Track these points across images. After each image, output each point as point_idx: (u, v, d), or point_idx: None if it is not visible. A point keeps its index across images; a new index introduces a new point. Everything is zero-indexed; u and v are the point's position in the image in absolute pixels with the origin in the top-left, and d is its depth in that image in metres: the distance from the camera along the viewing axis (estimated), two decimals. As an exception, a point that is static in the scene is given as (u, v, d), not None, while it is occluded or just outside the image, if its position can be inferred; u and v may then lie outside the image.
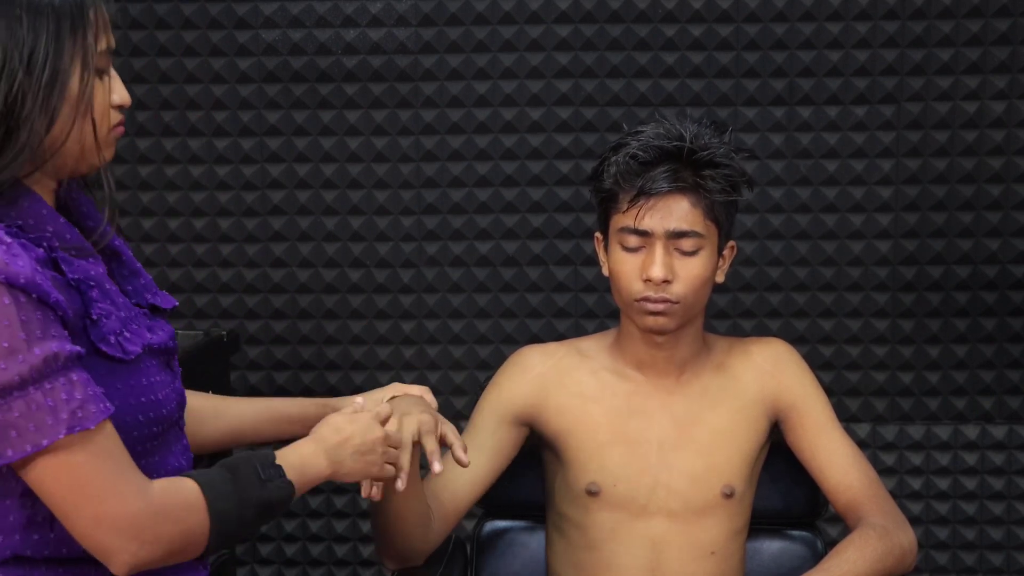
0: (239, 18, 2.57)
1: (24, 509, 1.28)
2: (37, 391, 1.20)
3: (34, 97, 1.24)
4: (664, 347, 1.87)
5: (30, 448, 1.20)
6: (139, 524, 1.25)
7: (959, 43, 2.50)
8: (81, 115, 1.29)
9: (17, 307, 1.20)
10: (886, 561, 1.77)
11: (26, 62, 1.24)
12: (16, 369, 1.19)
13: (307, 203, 2.62)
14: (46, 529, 1.29)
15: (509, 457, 1.94)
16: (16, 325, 1.19)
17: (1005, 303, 2.58)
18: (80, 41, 1.27)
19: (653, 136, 1.79)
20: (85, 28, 1.28)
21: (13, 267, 1.20)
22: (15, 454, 1.20)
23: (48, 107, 1.25)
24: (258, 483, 1.35)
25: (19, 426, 1.19)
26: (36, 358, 1.20)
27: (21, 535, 1.28)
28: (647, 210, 1.77)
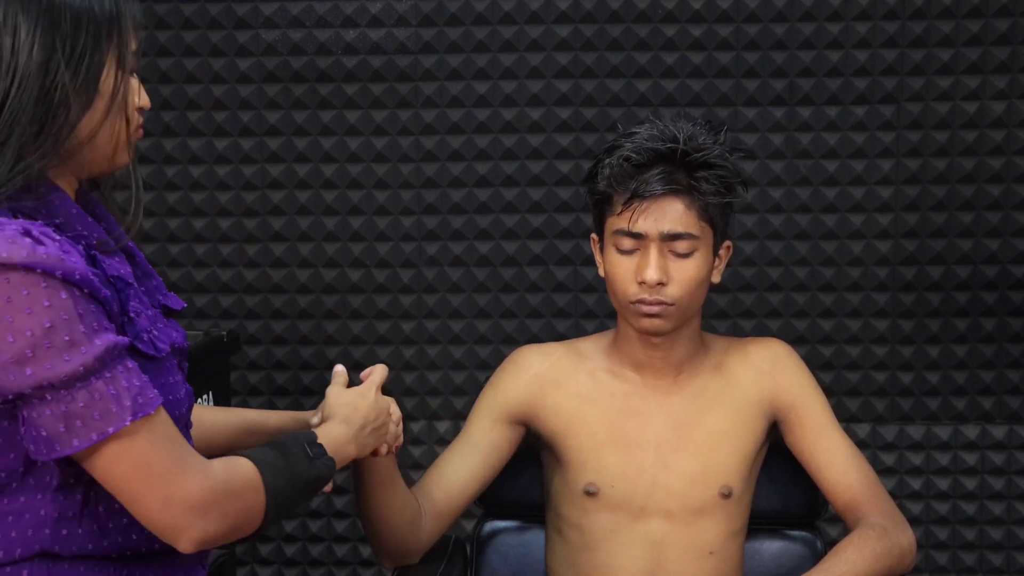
0: (239, 18, 2.57)
1: (56, 504, 1.30)
2: (99, 381, 1.23)
3: (72, 91, 1.28)
4: (661, 348, 1.87)
5: (96, 437, 1.22)
6: (205, 502, 1.28)
7: (959, 43, 2.50)
8: (114, 113, 1.33)
9: (74, 301, 1.22)
10: (885, 561, 1.77)
11: (67, 59, 1.28)
12: (80, 360, 1.21)
13: (307, 203, 2.62)
14: (75, 525, 1.31)
15: (505, 457, 1.94)
16: (75, 319, 1.22)
17: (1005, 303, 2.58)
18: (116, 41, 1.32)
19: (647, 138, 1.79)
20: (122, 29, 1.33)
21: (69, 262, 1.23)
22: (81, 443, 1.22)
23: (82, 102, 1.30)
24: (307, 460, 1.42)
25: (84, 416, 1.22)
26: (97, 349, 1.23)
27: (51, 529, 1.29)
28: (641, 212, 1.76)
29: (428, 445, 2.68)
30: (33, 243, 1.22)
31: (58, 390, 1.21)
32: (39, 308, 1.20)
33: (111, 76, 1.32)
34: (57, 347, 1.21)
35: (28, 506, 1.29)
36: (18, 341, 1.20)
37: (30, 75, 1.27)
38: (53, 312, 1.21)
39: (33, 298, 1.20)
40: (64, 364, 1.21)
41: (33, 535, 1.29)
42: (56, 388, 1.21)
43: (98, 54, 1.31)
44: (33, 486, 1.29)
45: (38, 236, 1.23)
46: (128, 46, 1.34)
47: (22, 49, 1.27)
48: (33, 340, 1.20)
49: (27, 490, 1.29)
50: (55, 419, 1.22)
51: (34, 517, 1.29)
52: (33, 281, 1.20)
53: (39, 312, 1.20)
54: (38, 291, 1.21)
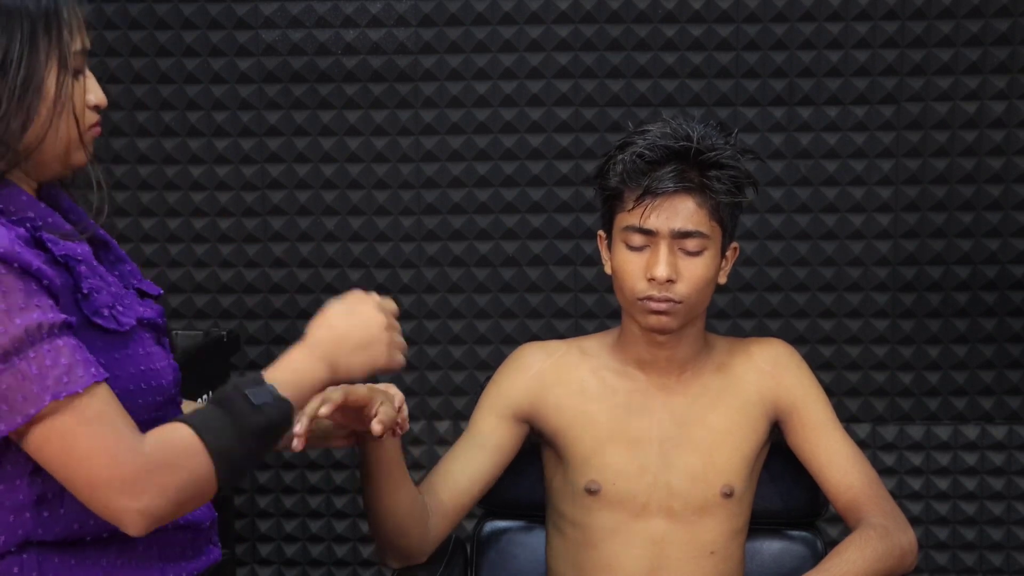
0: (239, 18, 2.57)
1: (34, 487, 1.28)
2: (22, 361, 1.19)
3: (9, 97, 1.25)
4: (665, 346, 1.87)
5: (21, 419, 1.20)
6: (135, 480, 1.22)
7: (959, 43, 2.50)
8: (58, 115, 1.29)
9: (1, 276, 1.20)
10: (886, 561, 1.78)
11: (0, 63, 1.25)
12: (4, 336, 1.19)
13: (307, 203, 2.62)
14: (56, 506, 1.29)
15: (510, 454, 1.94)
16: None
17: (1005, 303, 2.58)
18: (55, 41, 1.28)
19: (660, 135, 1.79)
20: (60, 28, 1.29)
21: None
22: (7, 427, 1.20)
23: (23, 107, 1.26)
24: (251, 410, 1.31)
25: (9, 399, 1.20)
26: (18, 328, 1.19)
27: (32, 513, 1.27)
28: (652, 209, 1.77)
29: (428, 445, 2.68)
30: None
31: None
32: None
33: (52, 77, 1.28)
34: None
35: (7, 493, 1.27)
36: None
37: None
38: None
39: None
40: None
41: (15, 521, 1.27)
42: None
43: (35, 57, 1.27)
44: (10, 472, 1.27)
45: None
46: (69, 45, 1.30)
47: None
48: None
49: (4, 476, 1.27)
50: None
51: (14, 503, 1.27)
52: None
53: None
54: None
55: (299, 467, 2.72)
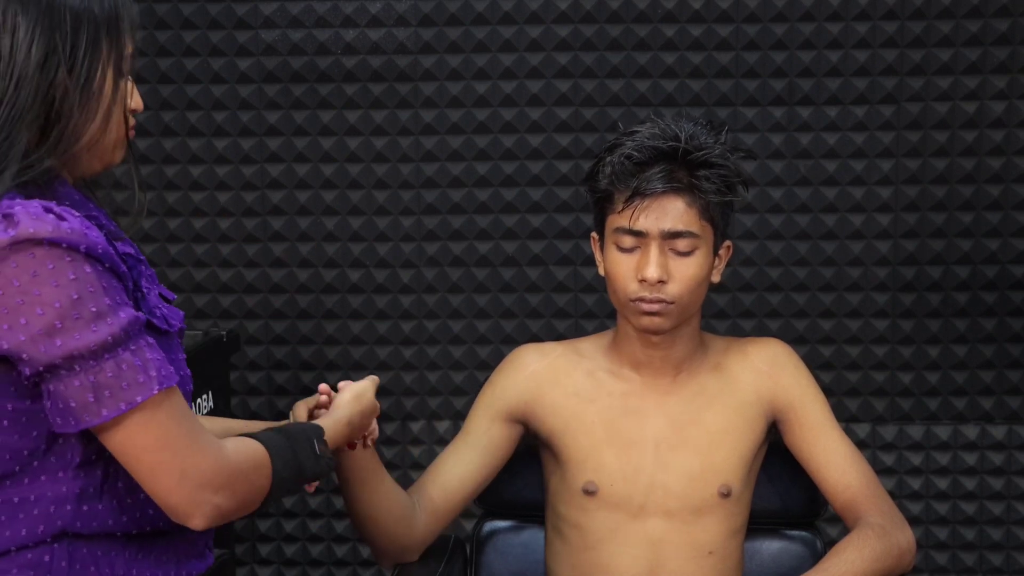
0: (239, 18, 2.57)
1: (77, 481, 1.31)
2: (125, 352, 1.25)
3: (73, 95, 1.30)
4: (660, 347, 1.87)
5: (124, 406, 1.24)
6: (220, 478, 1.31)
7: (958, 43, 2.50)
8: (110, 115, 1.35)
9: (98, 275, 1.25)
10: (885, 561, 1.78)
11: (68, 61, 1.30)
12: (107, 331, 1.24)
13: (307, 203, 2.62)
14: (95, 501, 1.33)
15: (503, 456, 1.94)
16: (100, 291, 1.24)
17: (1005, 303, 2.58)
18: (115, 44, 1.34)
19: (648, 136, 1.79)
20: (120, 33, 1.35)
21: (91, 237, 1.25)
22: (110, 412, 1.24)
23: (83, 106, 1.32)
24: (313, 456, 1.45)
25: (113, 386, 1.24)
26: (122, 320, 1.25)
27: (72, 506, 1.31)
28: (642, 210, 1.77)
29: (428, 445, 2.68)
30: (56, 219, 1.24)
31: (87, 360, 1.23)
32: (65, 281, 1.22)
33: (109, 79, 1.33)
34: (85, 318, 1.23)
35: (50, 484, 1.30)
36: (47, 314, 1.22)
37: (28, 75, 1.28)
38: (79, 284, 1.23)
39: (59, 271, 1.22)
40: (92, 334, 1.23)
41: (55, 512, 1.30)
42: (85, 358, 1.23)
43: (97, 56, 1.32)
44: (55, 464, 1.30)
45: (60, 212, 1.25)
46: (125, 49, 1.36)
47: (20, 49, 1.28)
48: (61, 312, 1.22)
49: (49, 468, 1.30)
50: (83, 389, 1.24)
51: (56, 495, 1.30)
52: (58, 255, 1.23)
53: (65, 284, 1.22)
54: (63, 264, 1.23)
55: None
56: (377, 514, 1.81)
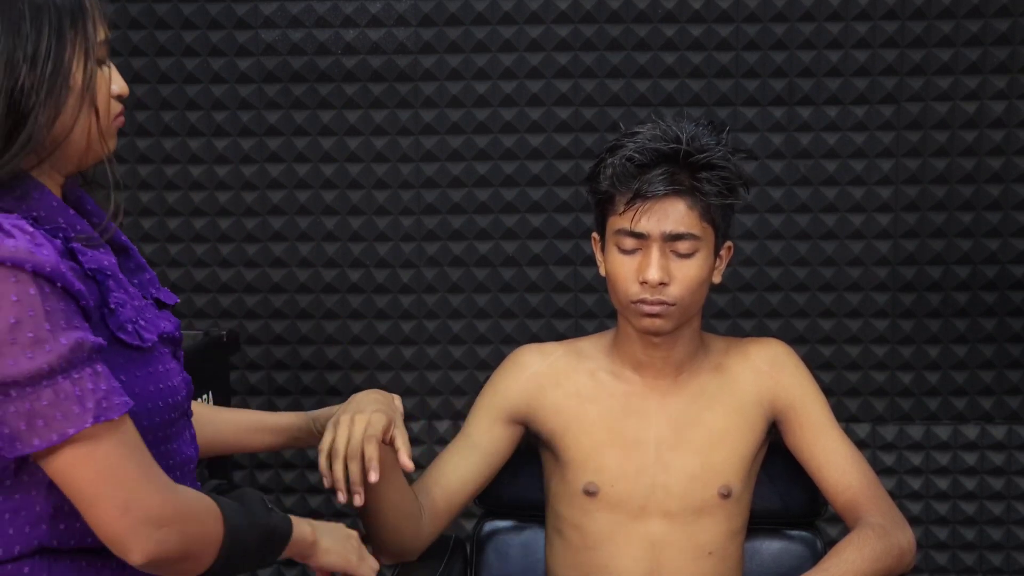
0: (239, 18, 2.57)
1: (50, 499, 1.28)
2: (65, 380, 1.20)
3: (38, 90, 1.26)
4: (661, 348, 1.87)
5: (56, 438, 1.20)
6: (165, 516, 1.26)
7: (959, 43, 2.50)
8: (86, 106, 1.30)
9: (42, 297, 1.20)
10: (885, 561, 1.78)
11: (30, 57, 1.25)
12: (44, 358, 1.19)
13: (307, 203, 2.62)
14: (72, 519, 1.29)
15: (504, 456, 1.94)
16: (41, 315, 1.19)
17: (1005, 303, 2.58)
18: (81, 33, 1.29)
19: (649, 138, 1.79)
20: (85, 19, 1.30)
21: (39, 256, 1.20)
22: (42, 443, 1.20)
23: (52, 99, 1.27)
24: (264, 510, 1.42)
25: (47, 415, 1.20)
26: (63, 347, 1.20)
27: (48, 525, 1.28)
28: (643, 212, 1.76)
29: (428, 445, 2.68)
30: (3, 236, 1.20)
31: (23, 387, 1.19)
32: (5, 303, 1.18)
33: (80, 69, 1.29)
34: (21, 344, 1.18)
35: (24, 503, 1.28)
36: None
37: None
38: (19, 308, 1.18)
39: (1, 293, 1.18)
40: (28, 362, 1.18)
41: (31, 531, 1.28)
42: (20, 385, 1.19)
43: (63, 48, 1.28)
44: (27, 482, 1.27)
45: (9, 229, 1.21)
46: (94, 36, 1.31)
47: None
48: (0, 336, 1.18)
49: (22, 487, 1.27)
50: (18, 416, 1.20)
51: (30, 513, 1.28)
52: (2, 275, 1.18)
53: (5, 308, 1.18)
54: (6, 286, 1.18)
55: (299, 467, 2.72)
56: (387, 507, 1.81)
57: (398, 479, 1.82)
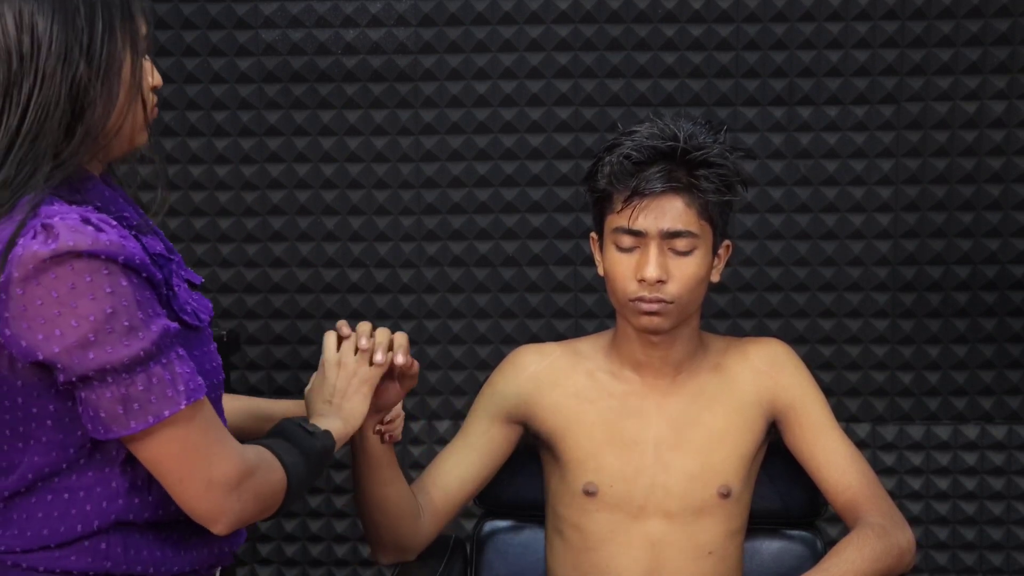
0: (239, 18, 2.57)
1: (125, 475, 1.35)
2: (156, 365, 1.27)
3: (95, 85, 1.31)
4: (660, 347, 1.87)
5: (152, 420, 1.27)
6: (242, 483, 1.34)
7: (959, 43, 2.50)
8: (134, 97, 1.37)
9: (133, 287, 1.27)
10: (885, 561, 1.77)
11: (86, 50, 1.31)
12: (139, 345, 1.26)
13: (307, 203, 2.62)
14: (145, 493, 1.36)
15: (502, 456, 1.95)
16: (134, 305, 1.26)
17: (1005, 303, 2.58)
18: (129, 27, 1.35)
19: (647, 136, 1.79)
20: (132, 14, 1.36)
21: (128, 248, 1.27)
22: (138, 425, 1.27)
23: (107, 92, 1.33)
24: (308, 437, 1.49)
25: (142, 399, 1.27)
26: (154, 334, 1.27)
27: (124, 500, 1.35)
28: (641, 210, 1.77)
29: (428, 444, 2.68)
30: (95, 231, 1.26)
31: (119, 373, 1.25)
32: (102, 294, 1.24)
33: (127, 62, 1.35)
34: (118, 332, 1.25)
35: (99, 479, 1.34)
36: (81, 326, 1.24)
37: (50, 71, 1.29)
38: (115, 298, 1.25)
39: (96, 285, 1.24)
40: (125, 348, 1.25)
41: (108, 507, 1.34)
42: (117, 372, 1.25)
43: (114, 42, 1.33)
44: (101, 460, 1.34)
45: (97, 223, 1.27)
46: (139, 28, 1.37)
47: (41, 46, 1.29)
48: (96, 325, 1.24)
49: (96, 464, 1.34)
50: (114, 401, 1.26)
51: (106, 490, 1.34)
52: (96, 268, 1.24)
53: (102, 298, 1.24)
54: (100, 277, 1.24)
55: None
56: (387, 506, 1.82)
57: (398, 478, 1.82)
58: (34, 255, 1.23)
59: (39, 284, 1.24)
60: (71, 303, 1.24)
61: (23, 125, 1.28)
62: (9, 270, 1.24)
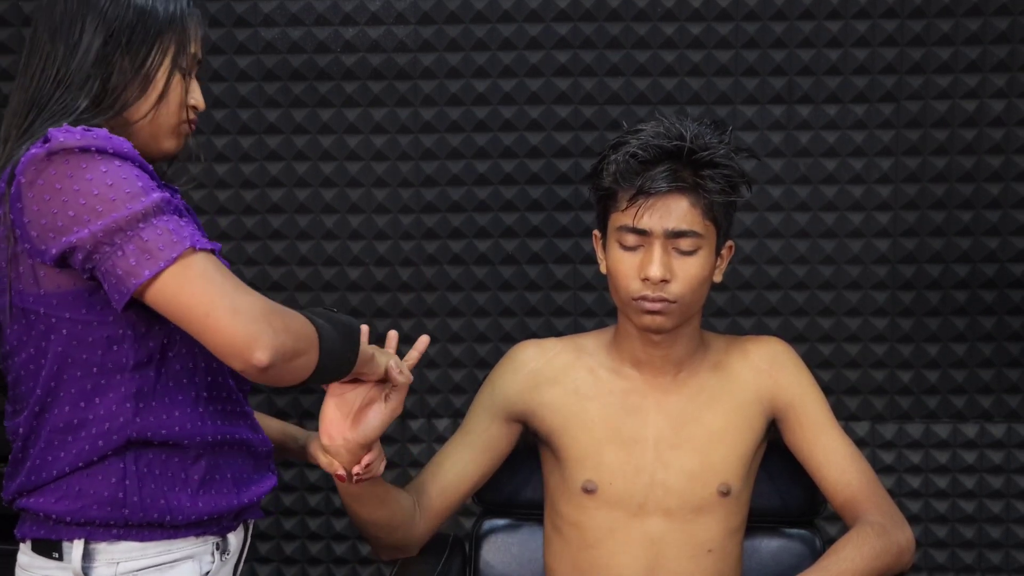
0: (238, 16, 2.57)
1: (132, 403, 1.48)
2: (160, 220, 1.40)
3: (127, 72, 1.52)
4: (661, 346, 1.87)
5: (164, 263, 1.38)
6: (270, 313, 1.41)
7: (958, 42, 2.50)
8: (162, 105, 1.55)
9: (127, 168, 1.42)
10: (884, 559, 1.78)
11: (126, 43, 1.51)
12: (141, 205, 1.40)
13: (306, 201, 2.62)
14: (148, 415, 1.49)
15: (501, 454, 1.95)
16: (133, 176, 1.42)
17: (1004, 302, 2.58)
18: (174, 44, 1.55)
19: (653, 135, 1.79)
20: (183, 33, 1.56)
21: (116, 142, 1.43)
22: (151, 271, 1.38)
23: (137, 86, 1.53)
24: (331, 312, 1.56)
25: (151, 249, 1.38)
26: (155, 198, 1.41)
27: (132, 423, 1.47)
28: (646, 209, 1.77)
29: (427, 443, 2.68)
30: (84, 130, 1.42)
31: (125, 232, 1.38)
32: (98, 174, 1.40)
33: (164, 67, 1.54)
34: (120, 198, 1.39)
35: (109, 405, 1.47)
36: (88, 201, 1.39)
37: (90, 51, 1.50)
38: (111, 174, 1.40)
39: (91, 168, 1.40)
40: (128, 209, 1.39)
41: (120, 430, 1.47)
42: (124, 230, 1.38)
43: (154, 48, 1.53)
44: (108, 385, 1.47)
45: (88, 128, 1.43)
46: (186, 49, 1.56)
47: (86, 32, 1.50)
48: (100, 197, 1.39)
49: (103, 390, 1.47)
50: (126, 256, 1.38)
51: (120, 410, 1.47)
52: (89, 157, 1.40)
53: (99, 176, 1.40)
54: (95, 162, 1.40)
55: (297, 465, 2.72)
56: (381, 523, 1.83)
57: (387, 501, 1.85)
58: (32, 157, 1.41)
59: (44, 182, 1.40)
60: (74, 187, 1.39)
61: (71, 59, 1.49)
62: (18, 179, 1.42)
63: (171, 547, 1.50)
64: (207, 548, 1.54)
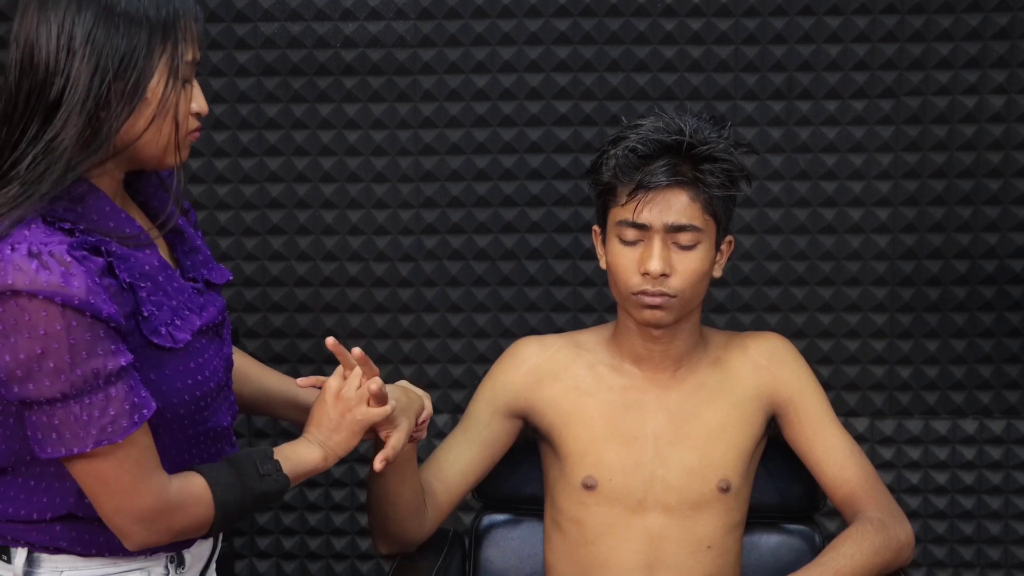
0: (237, 11, 2.57)
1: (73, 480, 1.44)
2: (76, 405, 1.34)
3: (119, 98, 1.37)
4: (661, 341, 1.87)
5: (64, 452, 1.36)
6: (153, 516, 1.41)
7: (958, 38, 2.50)
8: (161, 118, 1.41)
9: (68, 331, 1.32)
10: (883, 555, 1.78)
11: (117, 66, 1.36)
12: (59, 387, 1.33)
13: (305, 196, 2.62)
14: None
15: (502, 449, 1.95)
16: (65, 348, 1.32)
17: (1004, 298, 2.58)
18: (170, 51, 1.40)
19: (652, 130, 1.79)
20: (176, 40, 1.40)
21: (69, 288, 1.31)
22: (53, 452, 1.37)
23: (130, 106, 1.38)
24: (257, 477, 1.51)
25: (60, 432, 1.35)
26: (78, 378, 1.33)
27: (75, 498, 1.44)
28: (645, 204, 1.77)
29: (426, 439, 2.68)
30: (39, 267, 1.31)
31: (42, 406, 1.35)
32: (35, 335, 1.31)
33: (161, 83, 1.39)
34: (44, 372, 1.32)
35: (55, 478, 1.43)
36: (14, 362, 1.33)
37: (81, 78, 1.35)
38: (46, 340, 1.31)
39: (33, 324, 1.31)
40: (47, 388, 1.33)
41: (61, 501, 1.44)
42: (40, 404, 1.34)
43: (149, 61, 1.38)
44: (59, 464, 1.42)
45: (46, 260, 1.31)
46: (183, 55, 1.41)
47: (76, 54, 1.35)
48: (27, 363, 1.32)
49: (53, 466, 1.42)
50: (38, 427, 1.36)
51: (62, 487, 1.43)
52: (35, 307, 1.31)
53: (34, 339, 1.31)
54: (37, 318, 1.31)
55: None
56: (399, 502, 1.82)
57: (412, 478, 1.83)
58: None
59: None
60: (11, 338, 1.32)
61: (45, 128, 1.34)
62: None
63: (117, 561, 1.49)
64: (159, 562, 1.52)
